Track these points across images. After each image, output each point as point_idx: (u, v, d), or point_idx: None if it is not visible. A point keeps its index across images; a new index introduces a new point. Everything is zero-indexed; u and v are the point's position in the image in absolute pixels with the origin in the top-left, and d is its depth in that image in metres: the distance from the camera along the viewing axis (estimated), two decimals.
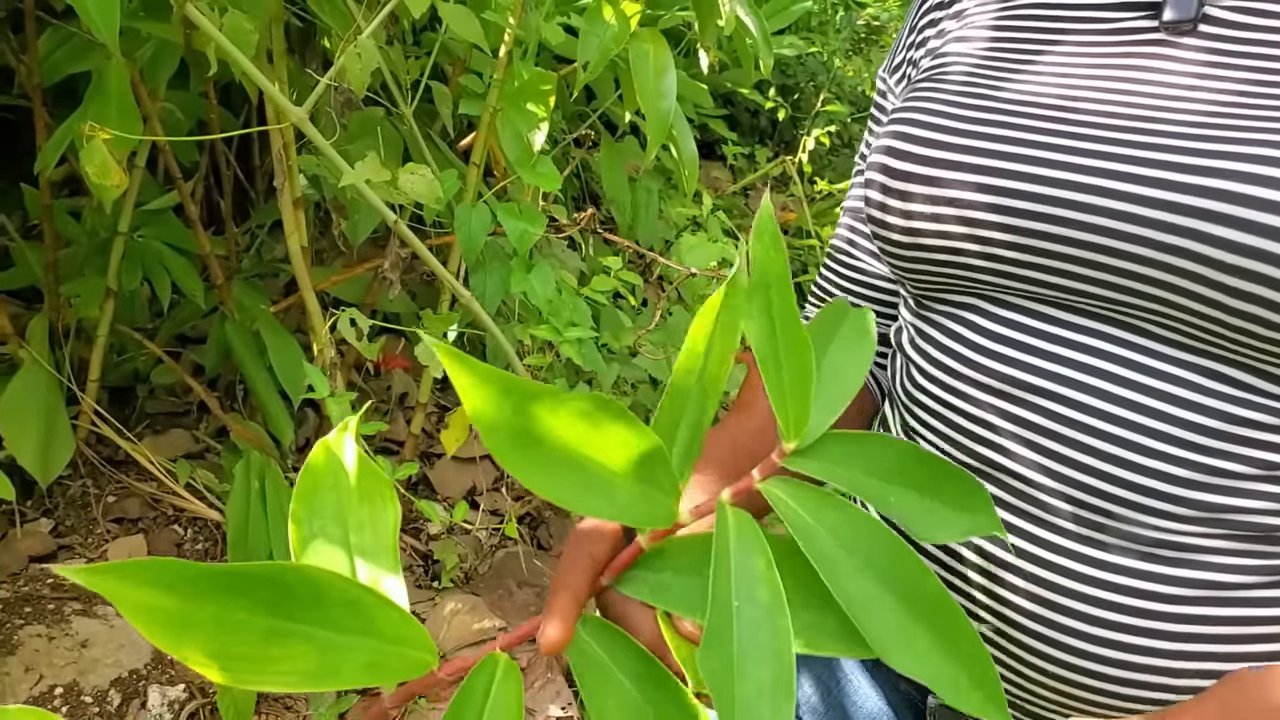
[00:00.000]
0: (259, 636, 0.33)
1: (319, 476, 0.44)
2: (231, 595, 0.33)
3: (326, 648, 0.35)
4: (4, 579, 1.17)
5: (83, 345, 1.36)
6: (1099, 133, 0.46)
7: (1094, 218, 0.44)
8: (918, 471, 0.39)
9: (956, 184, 0.48)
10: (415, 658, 0.36)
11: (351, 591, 0.36)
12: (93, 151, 0.87)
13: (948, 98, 0.51)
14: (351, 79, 0.90)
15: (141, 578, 0.32)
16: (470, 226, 1.05)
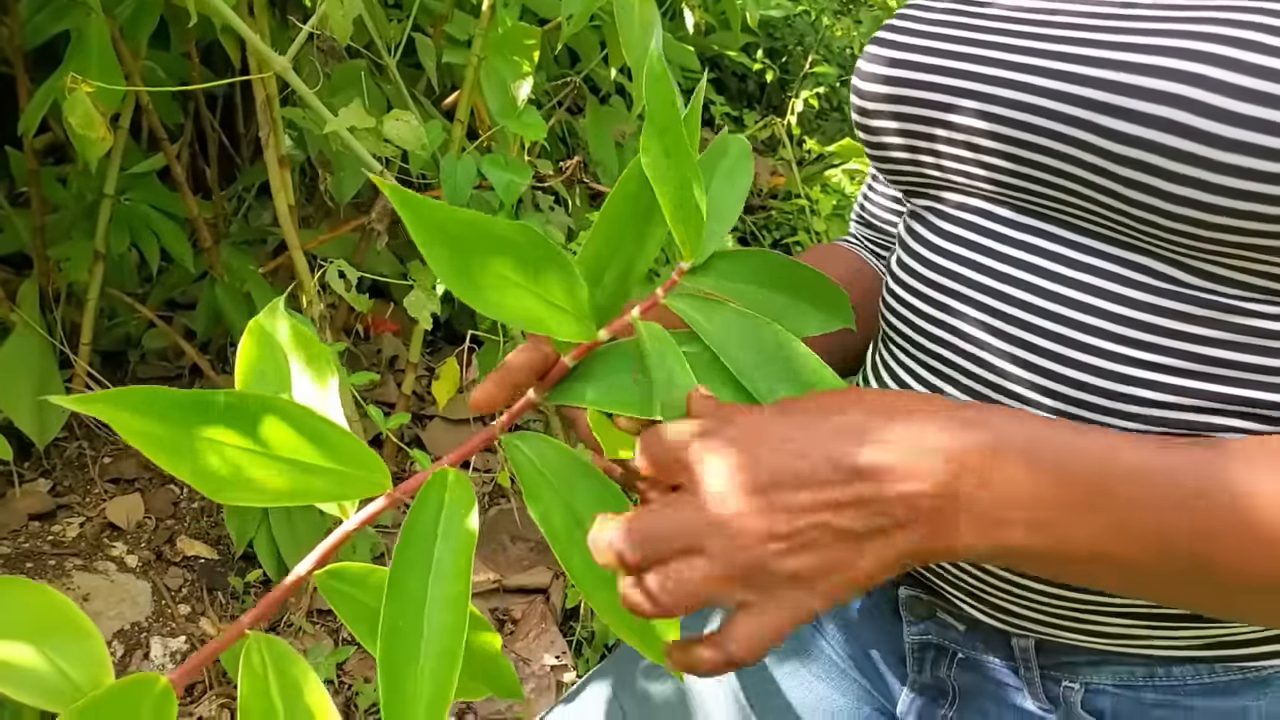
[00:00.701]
0: (235, 458, 0.38)
1: (257, 353, 0.48)
2: (211, 421, 0.38)
3: (297, 470, 0.39)
4: (4, 536, 1.19)
5: (73, 310, 1.37)
6: (1013, 25, 0.48)
7: (1011, 111, 0.46)
8: (788, 278, 0.47)
9: (921, 69, 0.51)
10: (374, 479, 0.41)
11: (315, 423, 0.40)
12: (75, 103, 0.88)
13: (936, 13, 0.54)
14: (335, 27, 0.91)
15: (134, 405, 0.36)
16: (456, 178, 1.05)
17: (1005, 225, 0.48)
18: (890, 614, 0.61)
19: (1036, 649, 0.54)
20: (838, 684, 0.63)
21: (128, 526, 1.26)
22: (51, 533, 1.22)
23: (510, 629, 1.31)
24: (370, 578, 0.43)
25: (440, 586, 0.39)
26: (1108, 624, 0.50)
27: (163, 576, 1.22)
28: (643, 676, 0.68)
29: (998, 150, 0.47)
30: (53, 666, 0.40)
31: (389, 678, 0.37)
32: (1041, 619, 0.51)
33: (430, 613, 0.38)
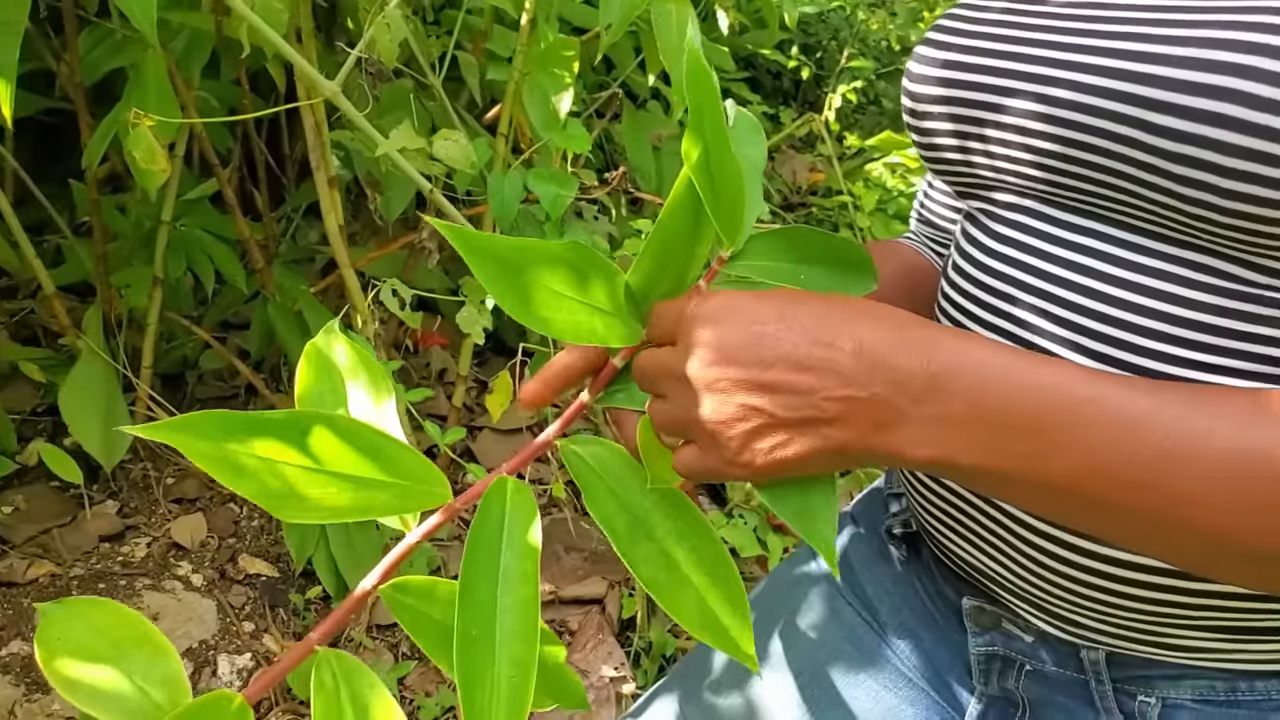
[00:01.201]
0: (298, 475, 0.39)
1: (315, 376, 0.49)
2: (270, 440, 0.38)
3: (357, 485, 0.40)
4: (78, 558, 1.23)
5: (135, 334, 1.40)
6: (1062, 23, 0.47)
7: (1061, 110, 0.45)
8: (821, 250, 0.48)
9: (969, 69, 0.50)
10: (434, 492, 0.42)
11: (374, 438, 0.41)
12: (139, 137, 0.90)
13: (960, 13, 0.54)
14: (381, 50, 0.92)
15: (197, 429, 0.38)
16: (504, 194, 1.06)
17: (1058, 226, 0.47)
18: (956, 624, 0.60)
19: (1107, 661, 0.52)
20: (905, 694, 0.62)
21: (192, 546, 1.29)
22: (121, 553, 1.25)
23: (567, 640, 1.32)
24: (435, 590, 0.44)
25: (509, 593, 0.40)
26: (1184, 637, 0.49)
27: (226, 594, 1.24)
28: (709, 690, 0.68)
29: (1049, 150, 0.46)
30: (134, 686, 0.41)
31: (467, 688, 0.37)
32: (1111, 630, 0.50)
33: (501, 619, 0.39)
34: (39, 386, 1.42)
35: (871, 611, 0.64)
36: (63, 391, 1.28)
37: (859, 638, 0.63)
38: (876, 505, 0.69)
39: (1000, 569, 0.53)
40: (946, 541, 0.57)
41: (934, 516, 0.57)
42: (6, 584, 1.17)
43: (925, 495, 0.57)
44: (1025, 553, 0.50)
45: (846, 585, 0.66)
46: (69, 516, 1.28)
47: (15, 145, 1.39)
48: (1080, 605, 0.50)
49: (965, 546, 0.55)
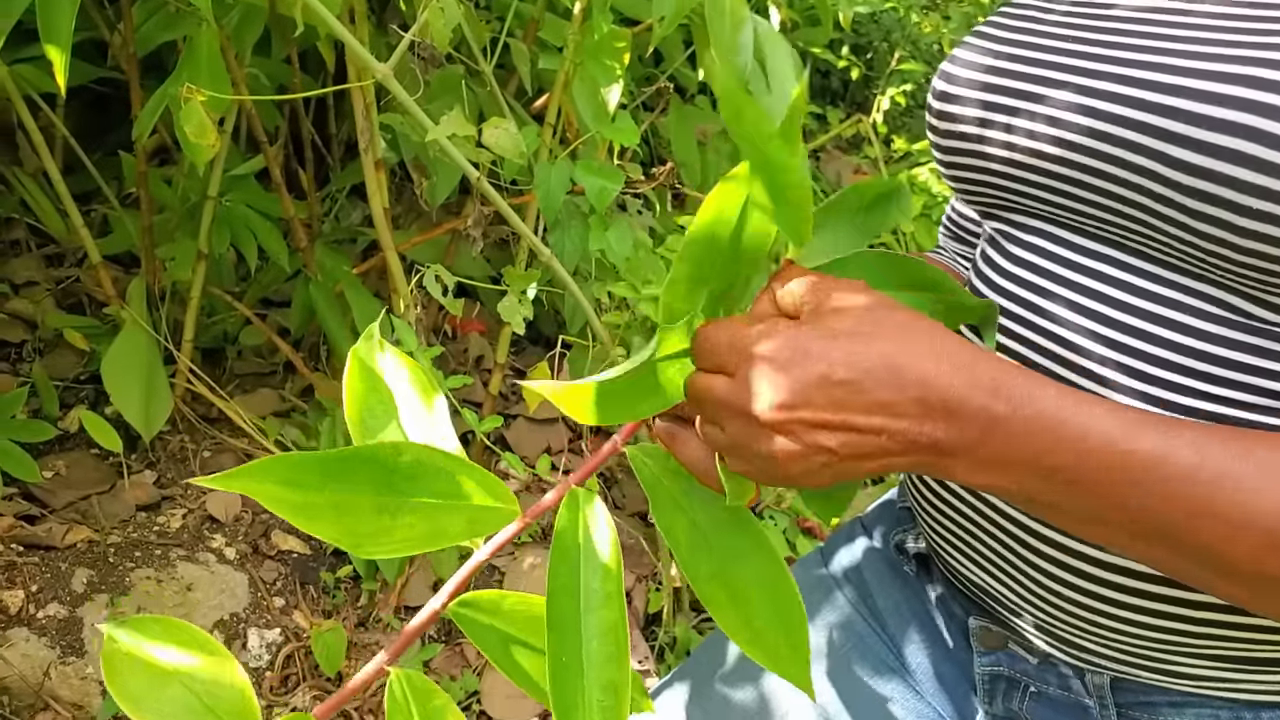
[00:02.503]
0: (371, 512, 0.38)
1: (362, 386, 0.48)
2: (342, 480, 0.38)
3: (430, 514, 0.39)
4: (115, 525, 1.24)
5: (177, 307, 1.42)
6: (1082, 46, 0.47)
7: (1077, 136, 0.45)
8: (907, 278, 0.48)
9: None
10: (505, 511, 0.41)
11: (441, 461, 0.40)
12: (191, 112, 0.91)
13: (999, 20, 0.54)
14: (435, 35, 0.92)
15: (268, 476, 0.37)
16: (550, 184, 1.06)
17: (1074, 250, 0.47)
18: (963, 642, 0.60)
19: (1112, 686, 0.52)
20: (912, 707, 0.62)
21: (226, 519, 1.30)
22: (157, 523, 1.27)
23: None
24: (503, 604, 0.43)
25: (594, 615, 0.39)
26: (1190, 665, 0.48)
27: (259, 569, 1.25)
28: (720, 683, 0.68)
29: (1064, 175, 0.46)
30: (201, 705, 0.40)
31: (562, 715, 0.37)
32: (1117, 656, 0.50)
33: (588, 643, 0.39)
34: (82, 354, 1.44)
35: (881, 623, 0.64)
36: (105, 360, 1.30)
37: (869, 648, 0.64)
38: (889, 517, 0.69)
39: (1007, 591, 0.53)
40: (954, 561, 0.57)
41: (942, 536, 0.57)
42: (45, 547, 1.19)
43: (934, 515, 0.57)
44: (1033, 576, 0.50)
45: (858, 595, 0.66)
46: (108, 484, 1.30)
47: (65, 112, 1.41)
48: (1087, 630, 0.50)
49: (972, 567, 0.55)
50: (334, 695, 0.40)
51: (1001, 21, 0.53)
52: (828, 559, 0.70)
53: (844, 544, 0.70)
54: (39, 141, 1.26)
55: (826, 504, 0.44)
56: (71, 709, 1.06)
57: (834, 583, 0.67)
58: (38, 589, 1.14)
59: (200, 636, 0.40)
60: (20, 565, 1.16)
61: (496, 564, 1.35)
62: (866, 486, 1.66)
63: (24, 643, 1.09)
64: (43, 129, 1.29)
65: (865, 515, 0.72)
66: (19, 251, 1.57)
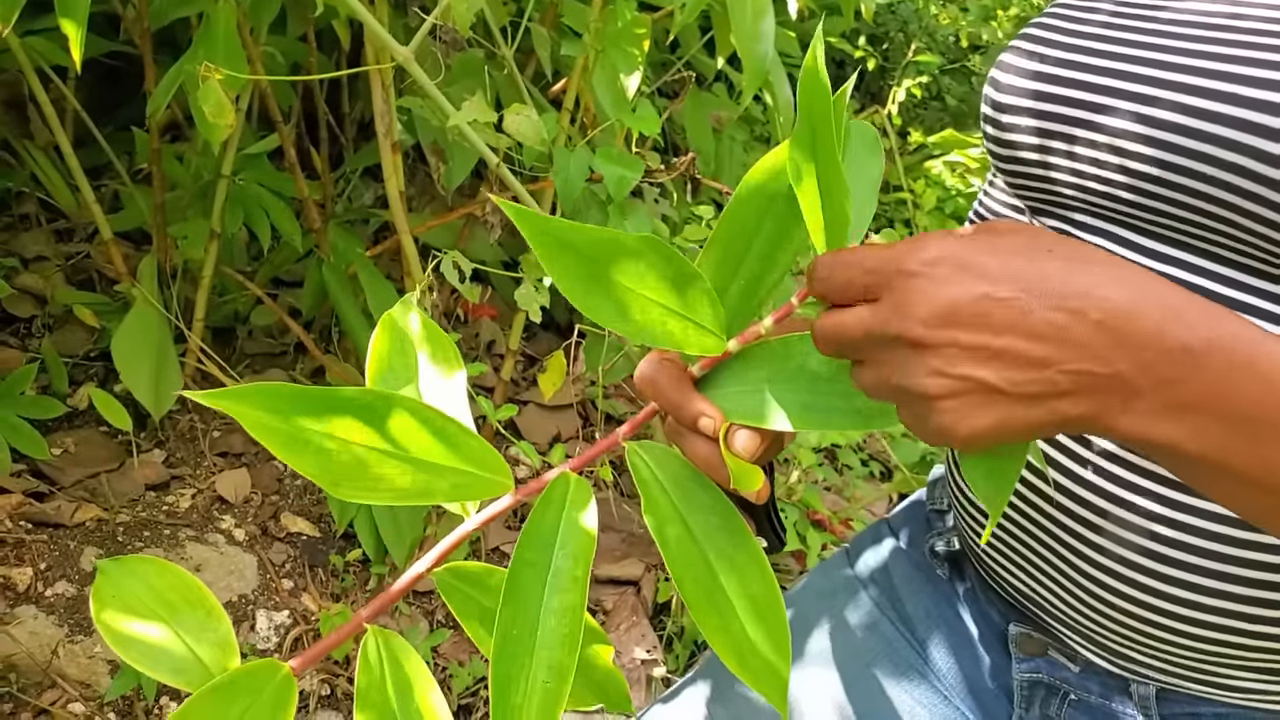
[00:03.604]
0: (359, 456, 0.38)
1: (388, 346, 0.48)
2: (333, 416, 0.37)
3: (420, 469, 0.39)
4: (124, 504, 1.24)
5: (188, 285, 1.41)
6: (1168, 40, 0.45)
7: (1174, 156, 0.43)
8: None
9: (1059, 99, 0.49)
10: (496, 481, 0.41)
11: (439, 422, 0.40)
12: (209, 91, 0.89)
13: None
14: (457, 18, 0.90)
15: (256, 401, 0.36)
16: (569, 172, 1.05)
17: (1144, 254, 0.45)
18: (999, 647, 0.60)
19: (1157, 697, 0.51)
20: (940, 712, 0.61)
21: (235, 500, 1.30)
22: (166, 503, 1.26)
23: (601, 619, 1.31)
24: (489, 579, 0.43)
25: (557, 596, 0.39)
26: (1238, 677, 0.48)
27: (267, 551, 1.25)
28: (741, 682, 0.68)
29: (1145, 173, 0.44)
30: (183, 646, 0.42)
31: (499, 688, 0.37)
32: (1165, 667, 0.49)
33: (545, 621, 0.38)
34: (92, 331, 1.43)
35: (909, 627, 0.63)
36: (115, 338, 1.29)
37: (895, 652, 0.63)
38: (918, 519, 0.68)
39: (1051, 598, 0.52)
40: (996, 566, 0.56)
41: (987, 543, 0.56)
42: (54, 525, 1.19)
43: (977, 519, 0.56)
44: (1081, 584, 0.49)
45: (885, 598, 0.65)
46: (117, 463, 1.30)
47: (76, 86, 1.39)
48: (1134, 640, 0.49)
49: (1015, 573, 0.54)
50: (311, 648, 0.41)
51: (1048, 23, 0.52)
52: (853, 560, 0.69)
53: (870, 545, 0.69)
54: (50, 115, 1.25)
55: (991, 480, 0.38)
56: (79, 687, 1.06)
57: (859, 584, 0.67)
58: (46, 567, 1.14)
59: (191, 582, 0.41)
60: (29, 543, 1.15)
61: (505, 549, 1.35)
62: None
63: (32, 620, 1.09)
64: (54, 102, 1.28)
65: (892, 516, 0.71)
66: (29, 226, 1.56)
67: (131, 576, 0.42)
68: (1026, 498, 0.51)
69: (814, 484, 1.56)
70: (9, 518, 1.17)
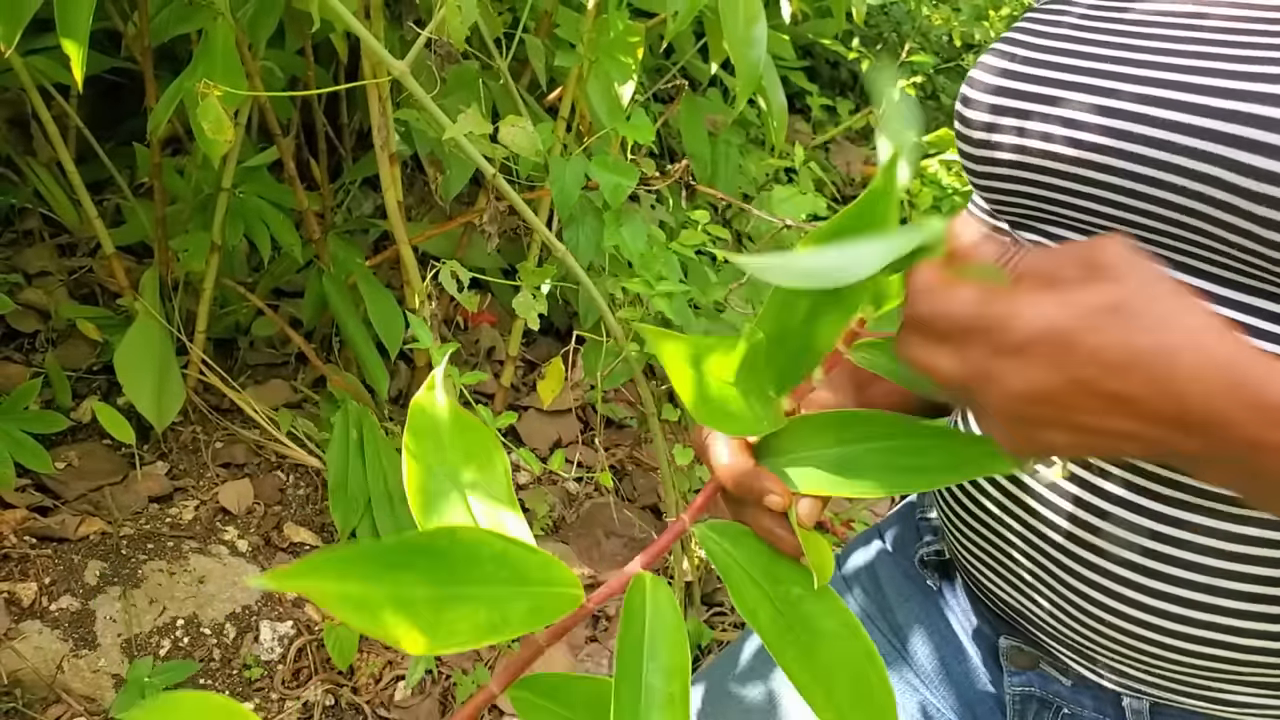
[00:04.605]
0: (432, 605, 0.34)
1: (423, 438, 0.44)
2: (400, 570, 0.34)
3: (492, 602, 0.36)
4: (127, 517, 1.25)
5: (190, 298, 1.42)
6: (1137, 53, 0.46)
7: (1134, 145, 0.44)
8: None
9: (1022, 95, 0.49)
10: (568, 595, 0.38)
11: (499, 545, 0.37)
12: (208, 108, 0.90)
13: (1027, 26, 0.52)
14: (451, 32, 0.91)
15: (326, 571, 0.33)
16: (565, 180, 1.05)
17: None
18: (989, 660, 0.59)
19: (1151, 712, 0.51)
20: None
21: (238, 511, 1.30)
22: (169, 515, 1.27)
23: (604, 625, 1.32)
24: (563, 688, 0.41)
25: (655, 713, 0.36)
26: (1233, 691, 0.48)
27: (271, 561, 1.26)
28: (734, 683, 0.68)
29: (1118, 185, 0.44)
30: None
31: None
32: (1159, 681, 0.49)
33: None
34: (95, 345, 1.44)
35: (900, 638, 0.63)
36: (118, 352, 1.30)
37: (885, 661, 0.62)
38: (908, 527, 0.68)
39: (1042, 613, 0.52)
40: (985, 580, 0.56)
41: (973, 554, 0.56)
42: (57, 539, 1.20)
43: (965, 531, 0.56)
44: (1072, 600, 0.49)
45: (875, 607, 0.65)
46: (120, 475, 1.31)
47: (77, 102, 1.40)
48: (1127, 655, 0.49)
49: (1005, 587, 0.54)
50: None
51: (1020, 27, 0.53)
52: (843, 566, 0.69)
53: (860, 552, 0.69)
54: (52, 131, 1.26)
55: None
56: (84, 702, 1.07)
57: (848, 592, 0.67)
58: (50, 581, 1.15)
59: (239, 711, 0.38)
60: (33, 558, 1.16)
61: None
62: None
63: (37, 635, 1.09)
64: (56, 118, 1.29)
65: (883, 522, 0.71)
66: (32, 241, 1.57)
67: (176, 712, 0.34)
68: (1014, 513, 0.51)
69: None
70: (13, 533, 1.18)
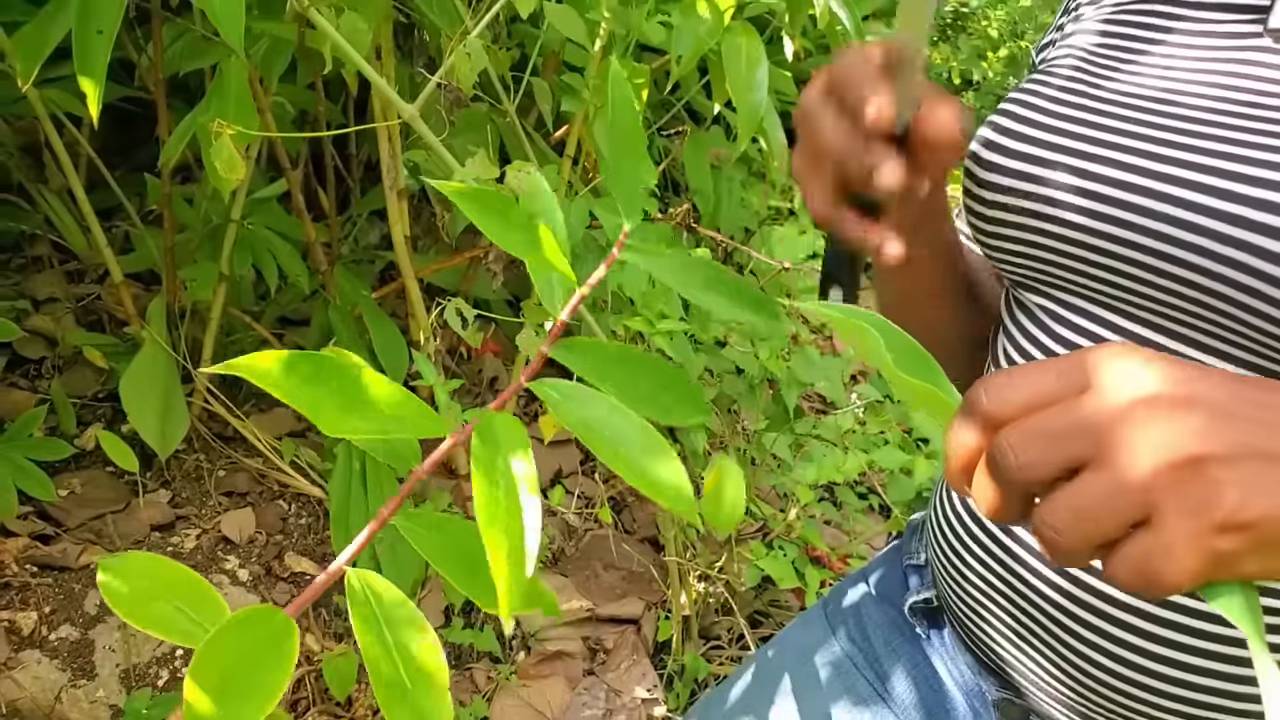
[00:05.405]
0: (339, 409, 0.41)
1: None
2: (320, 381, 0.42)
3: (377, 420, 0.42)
4: (129, 546, 1.25)
5: (196, 326, 1.43)
6: (1191, 128, 0.46)
7: (1158, 223, 0.44)
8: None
9: (1044, 163, 0.49)
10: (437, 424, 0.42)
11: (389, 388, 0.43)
12: (220, 148, 0.92)
13: (1051, 89, 0.52)
14: (460, 78, 0.93)
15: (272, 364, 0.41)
16: (569, 220, 1.07)
17: (1124, 337, 0.46)
18: (980, 711, 0.60)
19: None
20: None
21: (240, 540, 1.31)
22: (171, 544, 1.28)
23: (602, 659, 1.32)
24: (446, 524, 0.46)
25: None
26: None
27: (271, 591, 1.26)
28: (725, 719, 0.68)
29: (1139, 260, 0.45)
30: (185, 617, 0.45)
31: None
32: None
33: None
34: (101, 372, 1.45)
35: (886, 685, 0.63)
36: (124, 379, 1.31)
37: (874, 713, 0.63)
38: (894, 571, 0.68)
39: (1036, 667, 0.52)
40: (979, 632, 0.56)
41: (966, 605, 0.56)
42: (59, 568, 1.20)
43: (959, 582, 0.56)
44: (1066, 657, 0.50)
45: (861, 655, 0.65)
46: (122, 503, 1.31)
47: (90, 130, 1.42)
48: (1124, 713, 0.49)
49: (998, 639, 0.55)
50: (303, 594, 0.44)
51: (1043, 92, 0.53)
52: (830, 615, 0.69)
53: (847, 593, 0.69)
54: (64, 160, 1.28)
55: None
56: None
57: (836, 641, 0.67)
58: (51, 610, 1.15)
59: (189, 575, 0.45)
60: (34, 586, 1.17)
61: None
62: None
63: (36, 665, 1.10)
64: (67, 146, 1.31)
65: (867, 566, 0.71)
66: (41, 268, 1.59)
67: (132, 567, 0.46)
68: (1009, 565, 0.52)
69: (812, 519, 1.57)
70: (15, 561, 1.18)
